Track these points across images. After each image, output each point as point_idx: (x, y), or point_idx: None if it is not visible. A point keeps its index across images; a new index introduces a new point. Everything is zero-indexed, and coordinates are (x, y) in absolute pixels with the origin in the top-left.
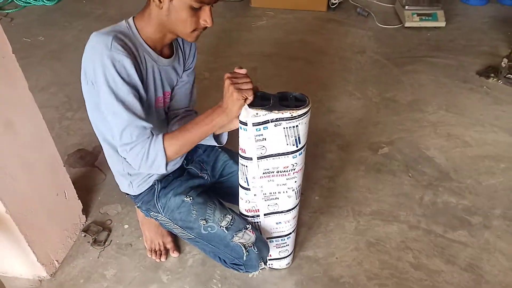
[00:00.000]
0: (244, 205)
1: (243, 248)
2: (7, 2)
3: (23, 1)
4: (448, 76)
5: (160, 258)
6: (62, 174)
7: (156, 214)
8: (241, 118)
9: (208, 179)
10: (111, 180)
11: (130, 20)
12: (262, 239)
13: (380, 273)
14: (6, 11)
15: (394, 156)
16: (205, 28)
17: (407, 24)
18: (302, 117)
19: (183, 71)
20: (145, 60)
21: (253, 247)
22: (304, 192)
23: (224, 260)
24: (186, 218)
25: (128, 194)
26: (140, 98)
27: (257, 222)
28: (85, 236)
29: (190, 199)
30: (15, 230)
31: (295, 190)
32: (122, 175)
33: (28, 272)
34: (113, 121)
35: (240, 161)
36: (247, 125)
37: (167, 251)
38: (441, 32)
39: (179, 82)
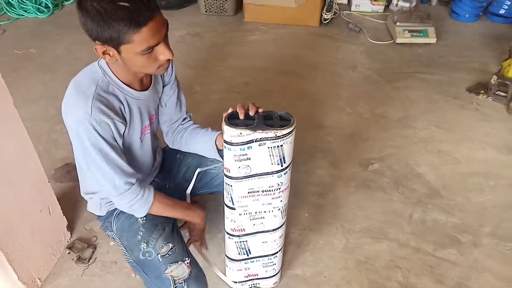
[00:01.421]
0: (229, 224)
1: (172, 283)
2: (0, 14)
3: (16, 13)
4: (439, 92)
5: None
6: (47, 190)
7: (110, 232)
8: (225, 137)
9: (170, 186)
10: None
11: (103, 64)
12: (199, 278)
13: None
14: None
15: (384, 173)
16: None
17: (398, 40)
18: (286, 137)
19: (163, 86)
20: (126, 101)
21: (184, 284)
22: (293, 209)
23: None
24: (131, 239)
25: (93, 213)
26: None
27: (244, 241)
28: (69, 253)
29: (143, 220)
30: None
31: (281, 209)
32: (92, 197)
33: None
34: (100, 177)
35: (225, 180)
36: (231, 145)
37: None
38: (432, 48)
39: (163, 99)
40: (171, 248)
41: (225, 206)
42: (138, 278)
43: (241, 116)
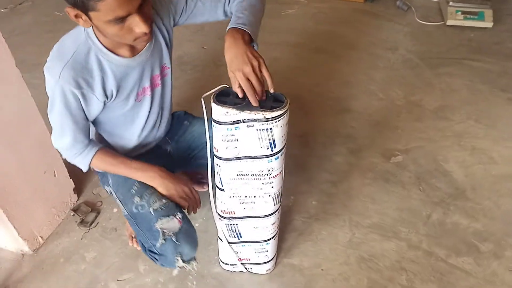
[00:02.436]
0: (219, 206)
1: (161, 235)
2: None
3: None
4: (486, 83)
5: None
6: (51, 152)
7: (107, 187)
8: (213, 115)
9: (171, 151)
10: None
11: (90, 31)
12: (190, 234)
13: None
14: None
15: (407, 166)
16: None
17: (449, 22)
18: (276, 120)
19: (174, 25)
20: (111, 69)
21: (173, 237)
22: (301, 195)
23: (144, 246)
24: (126, 193)
25: (93, 168)
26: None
27: (234, 224)
28: (73, 215)
29: None
30: None
31: (272, 195)
32: None
33: (11, 245)
34: (52, 125)
35: (214, 159)
36: (218, 124)
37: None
38: (486, 33)
39: (189, 21)
40: (164, 203)
41: (216, 187)
42: (133, 247)
43: (240, 95)
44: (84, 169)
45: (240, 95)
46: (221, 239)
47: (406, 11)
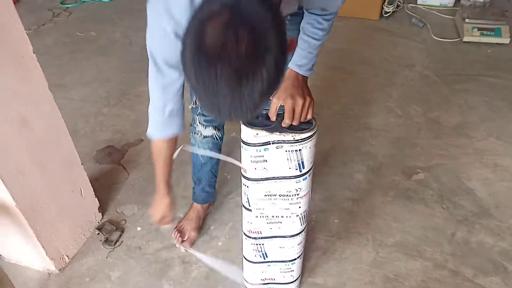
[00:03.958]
0: (246, 225)
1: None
2: None
3: None
4: (504, 99)
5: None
6: (79, 171)
7: None
8: (242, 137)
9: None
10: (133, 179)
11: None
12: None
13: None
14: (66, 5)
15: (429, 184)
16: None
17: (465, 39)
18: (306, 141)
19: None
20: None
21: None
22: (323, 214)
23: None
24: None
25: None
26: None
27: (260, 244)
28: (98, 234)
29: None
30: (25, 224)
31: (300, 216)
32: None
33: (38, 264)
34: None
35: (242, 180)
36: (247, 145)
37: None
38: (503, 49)
39: None
40: None
41: (242, 206)
42: (158, 267)
43: (273, 119)
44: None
45: (273, 119)
46: (246, 259)
47: (422, 28)
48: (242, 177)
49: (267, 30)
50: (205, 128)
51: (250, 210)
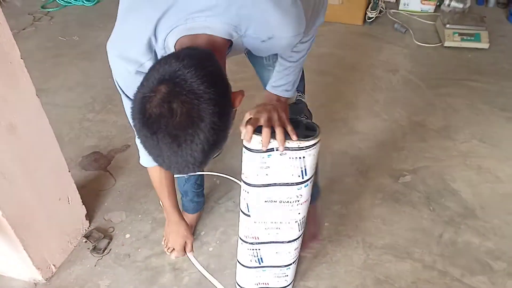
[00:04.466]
0: (243, 230)
1: None
2: (49, 1)
3: (64, 1)
4: (486, 103)
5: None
6: (66, 179)
7: None
8: (245, 143)
9: None
10: (120, 186)
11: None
12: None
13: None
14: (48, 10)
15: (416, 186)
16: None
17: (446, 44)
18: (309, 149)
19: None
20: None
21: None
22: None
23: None
24: None
25: None
26: None
27: (256, 249)
28: (86, 242)
29: None
30: (11, 233)
31: (298, 222)
32: None
33: (24, 274)
34: None
35: (242, 185)
36: (250, 151)
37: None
38: (483, 54)
39: None
40: None
41: (240, 212)
42: (148, 274)
43: (245, 138)
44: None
45: (245, 138)
46: (240, 263)
47: (404, 33)
48: (242, 183)
49: (200, 99)
50: None
51: (249, 216)
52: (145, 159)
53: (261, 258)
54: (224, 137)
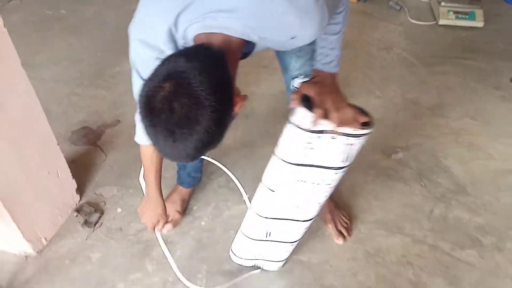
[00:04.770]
0: (260, 204)
1: None
2: None
3: None
4: (480, 81)
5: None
6: (55, 153)
7: None
8: (295, 120)
9: None
10: (111, 161)
11: None
12: None
13: (375, 286)
14: None
15: (408, 163)
16: None
17: (441, 22)
18: (363, 137)
19: None
20: None
21: None
22: None
23: None
24: None
25: None
26: None
27: (269, 224)
28: (76, 216)
29: None
30: (0, 206)
31: (320, 203)
32: None
33: (15, 247)
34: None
35: (275, 160)
36: (299, 129)
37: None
38: (477, 33)
39: None
40: None
41: (263, 186)
42: (141, 247)
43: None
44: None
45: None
46: (245, 234)
47: (399, 11)
48: (275, 157)
49: (199, 104)
50: None
51: (273, 191)
52: (141, 137)
53: (270, 233)
54: (220, 139)
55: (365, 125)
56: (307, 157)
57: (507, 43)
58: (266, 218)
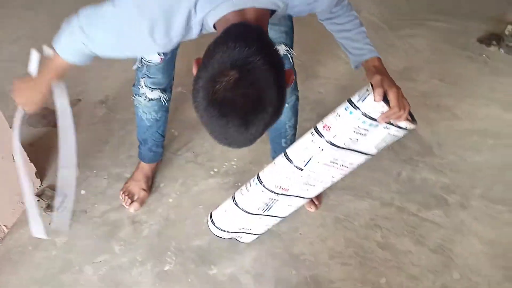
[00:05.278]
0: (279, 181)
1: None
2: None
3: None
4: (448, 42)
5: (127, 204)
6: (8, 136)
7: None
8: (363, 107)
9: None
10: None
11: None
12: (164, 71)
13: (344, 251)
14: None
15: None
16: None
17: None
18: (408, 131)
19: None
20: None
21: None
22: None
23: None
24: None
25: None
26: None
27: (276, 199)
28: (38, 200)
29: None
30: None
31: (334, 182)
32: None
33: None
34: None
35: (315, 139)
36: (361, 114)
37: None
38: None
39: None
40: None
41: (288, 162)
42: (106, 229)
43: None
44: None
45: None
46: (241, 208)
47: None
48: (316, 136)
49: (269, 86)
50: (152, 91)
51: (301, 170)
52: (65, 51)
53: (270, 208)
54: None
55: (414, 120)
56: (355, 142)
57: (474, 3)
58: (277, 194)
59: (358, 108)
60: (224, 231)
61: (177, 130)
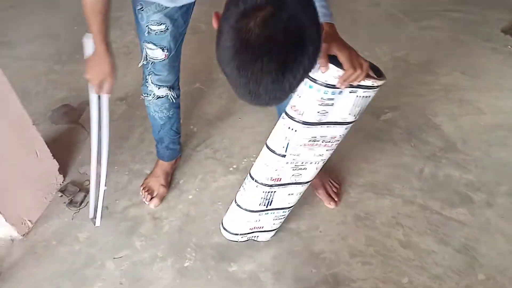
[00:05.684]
0: (267, 173)
1: (144, 58)
2: None
3: None
4: (470, 34)
5: (148, 200)
6: (31, 133)
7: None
8: (318, 77)
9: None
10: None
11: None
12: (170, 69)
13: (365, 250)
14: None
15: (397, 123)
16: None
17: None
18: (377, 89)
19: None
20: None
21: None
22: None
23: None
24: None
25: None
26: None
27: (272, 192)
28: (61, 196)
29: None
30: None
31: (324, 161)
32: None
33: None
34: None
35: (286, 123)
36: (319, 85)
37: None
38: None
39: None
40: (162, 31)
41: (270, 153)
42: (128, 224)
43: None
44: None
45: (323, 71)
46: (242, 207)
47: None
48: (287, 119)
49: (309, 22)
50: (159, 88)
51: (284, 156)
52: None
53: (271, 201)
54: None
55: (378, 75)
56: (323, 114)
57: None
58: (271, 186)
59: (315, 79)
60: (237, 234)
61: (196, 126)
